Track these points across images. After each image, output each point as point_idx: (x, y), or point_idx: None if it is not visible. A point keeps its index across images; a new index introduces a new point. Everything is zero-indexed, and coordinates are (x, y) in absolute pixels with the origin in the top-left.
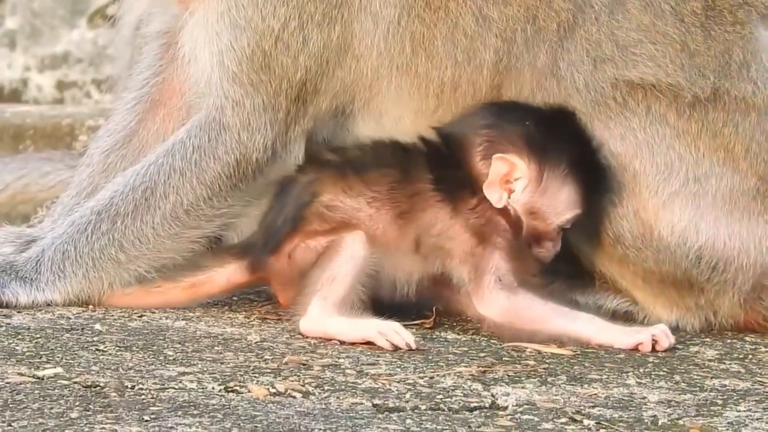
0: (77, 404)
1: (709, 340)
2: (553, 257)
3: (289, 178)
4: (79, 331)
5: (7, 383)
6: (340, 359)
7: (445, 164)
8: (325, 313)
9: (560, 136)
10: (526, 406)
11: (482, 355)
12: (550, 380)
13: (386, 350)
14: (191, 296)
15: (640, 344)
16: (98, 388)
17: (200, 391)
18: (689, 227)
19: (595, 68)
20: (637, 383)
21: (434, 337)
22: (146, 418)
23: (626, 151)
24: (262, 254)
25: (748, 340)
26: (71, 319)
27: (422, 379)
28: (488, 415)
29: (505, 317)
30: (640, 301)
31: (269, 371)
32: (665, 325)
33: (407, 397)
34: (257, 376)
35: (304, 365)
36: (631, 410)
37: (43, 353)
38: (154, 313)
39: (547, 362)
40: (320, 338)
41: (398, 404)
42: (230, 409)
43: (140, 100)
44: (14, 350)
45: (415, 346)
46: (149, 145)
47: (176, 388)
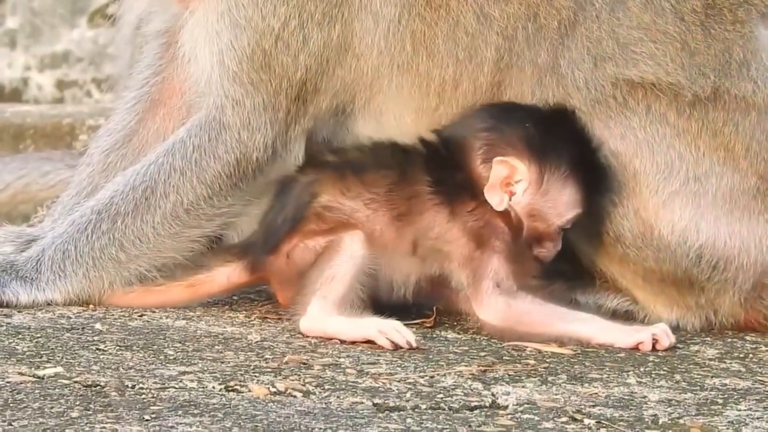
0: (78, 404)
1: (709, 339)
2: (553, 257)
3: (289, 178)
4: (79, 330)
5: (7, 383)
6: (340, 358)
7: (444, 167)
8: (324, 312)
9: (560, 136)
10: (526, 405)
11: (483, 354)
12: (550, 379)
13: (387, 349)
14: (192, 295)
15: (640, 343)
16: (99, 387)
17: (201, 390)
18: (689, 226)
19: (595, 66)
20: (637, 382)
21: (435, 336)
22: (147, 417)
23: (626, 150)
24: (261, 254)
25: (748, 339)
26: (72, 318)
27: (423, 378)
28: (489, 414)
29: (504, 322)
30: (640, 300)
31: (270, 370)
32: (665, 324)
33: (408, 396)
34: (258, 375)
35: (304, 364)
36: (631, 409)
37: (43, 353)
38: (154, 312)
39: (547, 361)
40: (320, 338)
41: (399, 403)
42: (231, 408)
43: (140, 99)
44: (15, 350)
45: (415, 344)
46: (149, 144)
47: (177, 387)
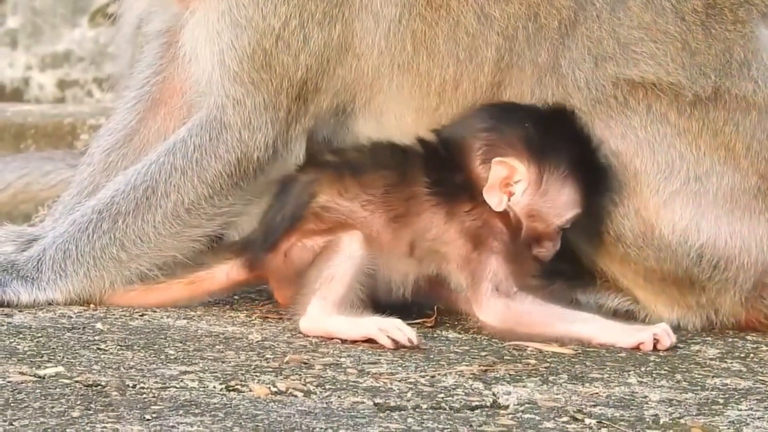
0: (78, 403)
1: (710, 338)
2: (552, 256)
3: (289, 177)
4: (80, 330)
5: (8, 382)
6: (341, 358)
7: (442, 167)
8: (324, 312)
9: (559, 137)
10: (527, 405)
11: (483, 354)
12: (551, 379)
13: (387, 349)
14: (192, 293)
15: (641, 344)
16: (99, 387)
17: (201, 390)
18: (690, 226)
19: (596, 66)
20: (638, 382)
21: (435, 336)
22: (147, 417)
23: (627, 149)
24: (259, 252)
25: (749, 338)
26: (72, 318)
27: (423, 378)
28: (489, 414)
29: (504, 323)
30: (641, 299)
31: (270, 370)
32: (666, 323)
33: (408, 396)
34: (258, 375)
35: (305, 364)
36: (632, 409)
37: (44, 352)
38: (155, 312)
39: (548, 361)
40: (321, 337)
41: (399, 403)
42: (231, 408)
43: (141, 99)
44: (15, 349)
45: (417, 341)
46: (150, 144)
47: (177, 387)
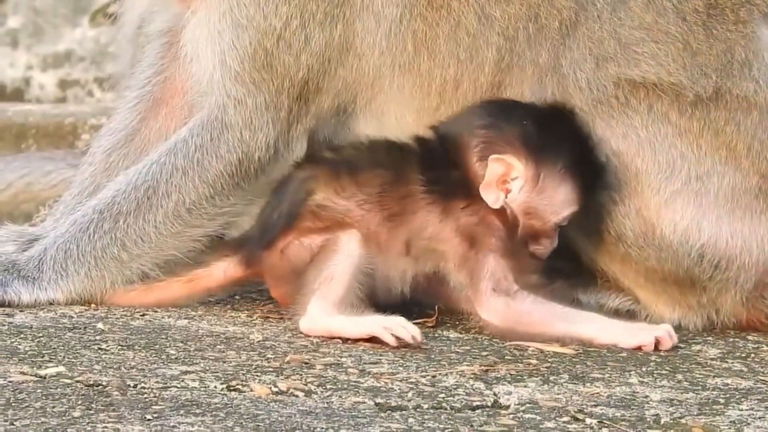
0: (79, 403)
1: (711, 338)
2: (550, 253)
3: (287, 174)
4: (81, 330)
5: (9, 382)
6: (342, 358)
7: (438, 165)
8: (324, 312)
9: (557, 134)
10: (528, 404)
11: (484, 354)
12: (552, 379)
13: (389, 348)
14: (190, 291)
15: (643, 345)
16: (100, 387)
17: (202, 389)
18: (691, 226)
19: (597, 67)
20: (639, 382)
21: (436, 335)
22: (148, 416)
23: (628, 149)
24: (256, 249)
25: (750, 338)
26: (73, 318)
27: (424, 377)
28: (490, 413)
29: (506, 322)
30: (642, 299)
31: (271, 370)
32: (668, 323)
33: (409, 396)
34: (259, 374)
35: (306, 364)
36: (633, 409)
37: (45, 352)
38: (156, 311)
39: (549, 361)
40: (322, 337)
41: (400, 403)
42: (232, 408)
43: (142, 98)
44: (17, 349)
45: (421, 339)
46: (151, 143)
47: (178, 386)
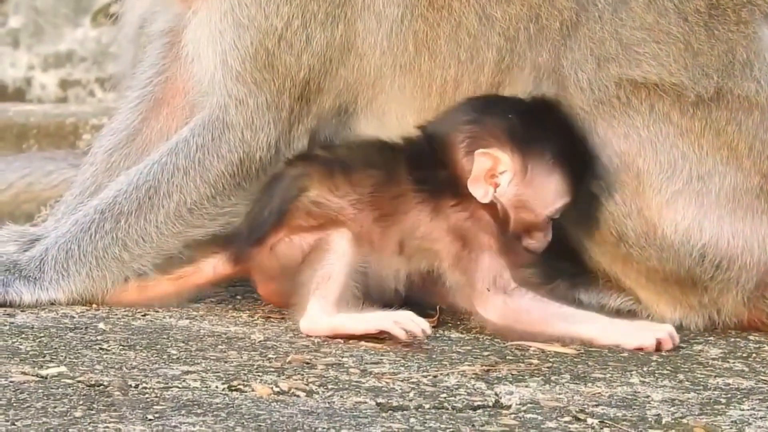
0: (81, 403)
1: (712, 338)
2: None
3: (278, 171)
4: (82, 330)
5: (10, 382)
6: (343, 358)
7: (426, 164)
8: (325, 311)
9: (543, 126)
10: (529, 404)
11: (486, 353)
12: (553, 379)
13: (390, 349)
14: (179, 288)
15: (644, 347)
16: (102, 387)
17: (204, 389)
18: (693, 225)
19: (598, 67)
20: (640, 382)
21: (438, 335)
22: (150, 416)
23: (629, 149)
24: (245, 245)
25: (751, 338)
26: (75, 318)
27: (426, 377)
28: (492, 413)
29: (504, 320)
30: (643, 299)
31: (273, 370)
32: (669, 323)
33: (411, 395)
34: (261, 374)
35: (307, 364)
36: (634, 409)
37: (46, 352)
38: (157, 311)
39: (550, 361)
40: (323, 337)
41: (402, 403)
42: (234, 408)
43: (144, 98)
44: (18, 349)
45: (430, 332)
46: (153, 143)
47: (180, 386)
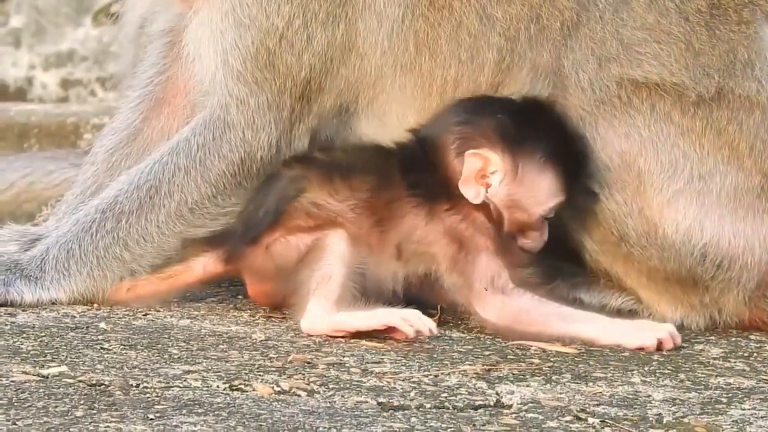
0: (82, 403)
1: (713, 338)
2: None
3: (273, 172)
4: (83, 329)
5: (12, 382)
6: (344, 358)
7: (419, 168)
8: (325, 311)
9: (533, 125)
10: (530, 404)
11: (487, 353)
12: (554, 378)
13: (391, 348)
14: (169, 287)
15: (645, 347)
16: (103, 386)
17: (205, 389)
18: (694, 225)
19: (600, 67)
20: (641, 381)
21: (439, 335)
22: (151, 416)
23: (630, 149)
24: (239, 245)
25: (752, 338)
26: (76, 317)
27: (427, 377)
28: (493, 413)
29: (503, 320)
30: (644, 299)
31: (274, 369)
32: (670, 323)
33: (412, 395)
34: (262, 374)
35: (308, 364)
36: (635, 408)
37: (47, 352)
38: (158, 311)
39: (551, 360)
40: (325, 335)
41: (403, 402)
42: (235, 407)
43: (144, 98)
44: (19, 349)
45: (436, 331)
46: (154, 143)
47: (181, 386)
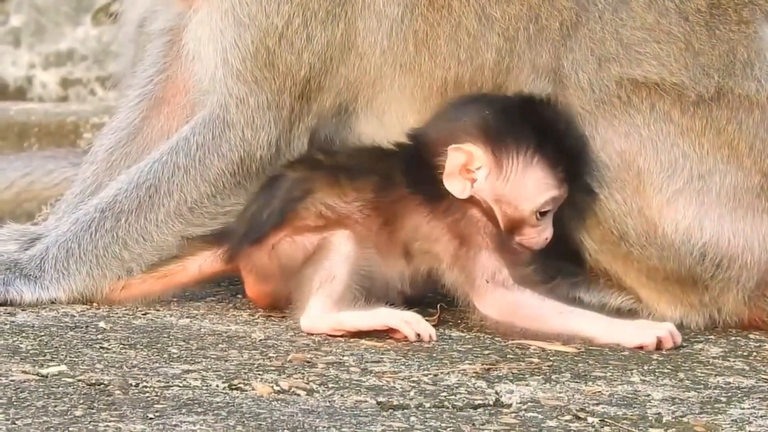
0: (81, 402)
1: (713, 337)
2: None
3: (276, 174)
4: (83, 328)
5: (11, 381)
6: (344, 357)
7: (417, 167)
8: (326, 310)
9: (520, 121)
10: (530, 403)
11: (486, 352)
12: (554, 378)
13: (390, 347)
14: (164, 286)
15: (645, 345)
16: (102, 385)
17: (204, 388)
18: (693, 224)
19: (599, 67)
20: (641, 381)
21: (438, 334)
22: (150, 415)
23: (630, 148)
24: (241, 245)
25: (752, 337)
26: (75, 316)
27: (426, 376)
28: (492, 412)
29: (503, 315)
30: (644, 298)
31: (273, 369)
32: (670, 322)
33: (411, 394)
34: (261, 373)
35: (308, 363)
36: (635, 408)
37: (47, 351)
38: (158, 310)
39: (551, 360)
40: (324, 335)
41: (402, 402)
42: (234, 406)
43: (144, 97)
44: (18, 348)
45: (436, 338)
46: (153, 142)
47: (180, 385)
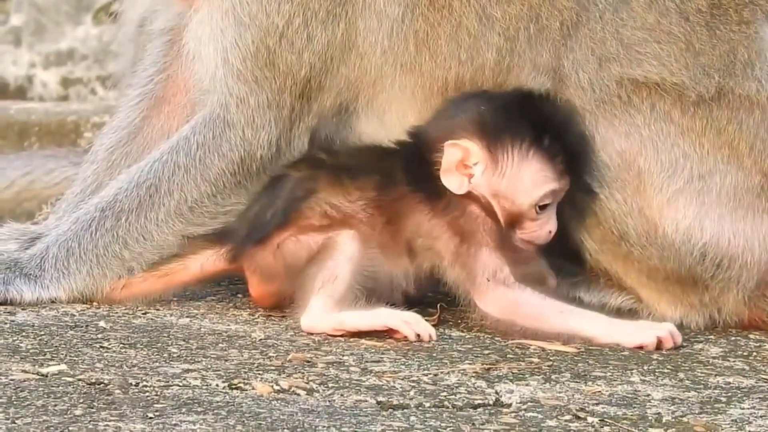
0: (81, 401)
1: (713, 337)
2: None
3: (279, 173)
4: (83, 328)
5: (11, 380)
6: (344, 356)
7: (417, 165)
8: (326, 309)
9: (515, 116)
10: (530, 403)
11: (486, 352)
12: (554, 377)
13: (390, 347)
14: (165, 285)
15: (645, 345)
16: (102, 385)
17: (204, 388)
18: (694, 224)
19: (600, 67)
20: (641, 381)
21: (438, 334)
22: (150, 415)
23: (631, 148)
24: (245, 245)
25: (752, 337)
26: (75, 316)
27: (426, 376)
28: (492, 412)
29: (504, 313)
30: (644, 298)
31: (273, 368)
32: (670, 322)
33: (411, 394)
34: (261, 373)
35: (308, 362)
36: (635, 407)
37: (47, 350)
38: (158, 310)
39: (551, 359)
40: (325, 334)
41: (402, 401)
42: (234, 406)
43: (145, 97)
44: (18, 347)
45: (436, 338)
46: (154, 142)
47: (180, 385)
